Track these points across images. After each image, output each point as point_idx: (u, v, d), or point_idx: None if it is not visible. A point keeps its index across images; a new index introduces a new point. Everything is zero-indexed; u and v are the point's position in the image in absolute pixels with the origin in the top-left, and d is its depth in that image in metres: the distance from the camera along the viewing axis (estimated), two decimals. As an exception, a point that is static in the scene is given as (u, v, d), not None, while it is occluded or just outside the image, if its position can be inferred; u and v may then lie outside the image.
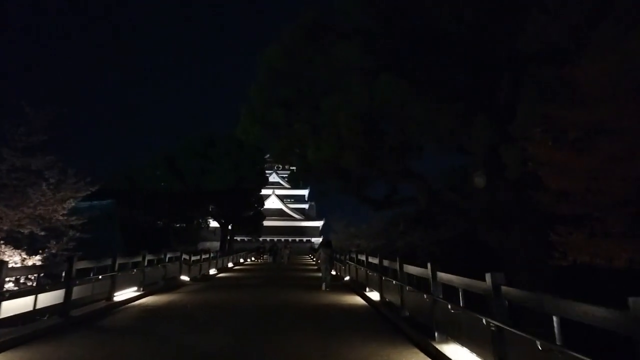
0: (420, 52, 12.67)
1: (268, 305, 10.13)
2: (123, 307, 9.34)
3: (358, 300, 10.83)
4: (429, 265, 6.61)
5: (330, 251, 15.33)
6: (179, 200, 36.19)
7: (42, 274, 8.54)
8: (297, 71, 13.57)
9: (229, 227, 42.82)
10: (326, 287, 13.23)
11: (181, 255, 14.38)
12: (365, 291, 11.27)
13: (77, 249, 13.00)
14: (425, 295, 6.63)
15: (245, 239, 57.56)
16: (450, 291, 6.18)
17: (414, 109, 12.05)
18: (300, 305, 10.15)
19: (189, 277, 14.71)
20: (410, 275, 7.98)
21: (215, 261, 20.38)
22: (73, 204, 11.19)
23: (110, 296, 9.37)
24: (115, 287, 9.57)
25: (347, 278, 15.13)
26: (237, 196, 39.30)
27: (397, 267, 8.38)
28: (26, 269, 9.13)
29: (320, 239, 70.56)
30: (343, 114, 12.42)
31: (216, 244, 42.39)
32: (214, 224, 44.44)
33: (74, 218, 11.04)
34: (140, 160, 37.72)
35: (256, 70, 14.00)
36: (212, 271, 19.54)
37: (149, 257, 11.66)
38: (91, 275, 9.32)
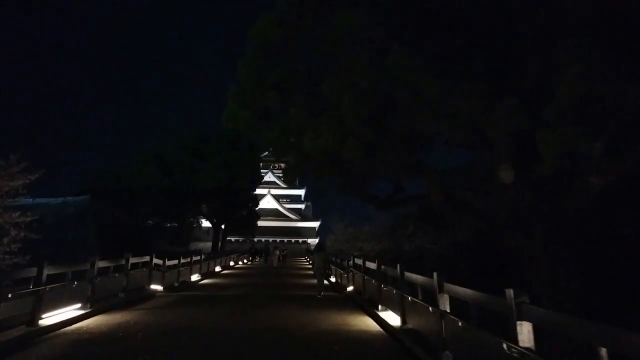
0: (437, 23, 10.86)
1: (248, 333, 7.43)
2: (49, 335, 6.76)
3: (369, 323, 8.27)
4: (510, 292, 4.08)
5: (325, 255, 14.22)
6: (169, 198, 34.48)
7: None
8: (294, 46, 11.73)
9: (222, 227, 41.06)
10: (320, 293, 12.74)
11: (151, 260, 12.20)
12: (378, 310, 8.87)
13: (39, 250, 11.15)
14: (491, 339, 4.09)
15: (240, 239, 55.71)
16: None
17: (430, 89, 10.27)
18: (293, 332, 7.50)
19: (162, 285, 12.51)
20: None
21: (198, 265, 18.01)
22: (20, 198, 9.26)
23: (33, 319, 6.77)
24: (43, 306, 7.03)
25: (350, 288, 12.93)
26: (230, 195, 37.62)
27: (435, 284, 5.70)
28: None
29: (317, 240, 69.22)
30: (347, 96, 10.62)
31: (210, 245, 40.67)
32: (207, 224, 42.60)
33: (17, 214, 9.14)
34: (130, 158, 35.70)
35: (245, 47, 12.15)
36: (195, 277, 17.23)
37: (101, 264, 9.25)
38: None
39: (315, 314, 9.11)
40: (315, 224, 71.76)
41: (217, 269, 22.97)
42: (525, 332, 3.70)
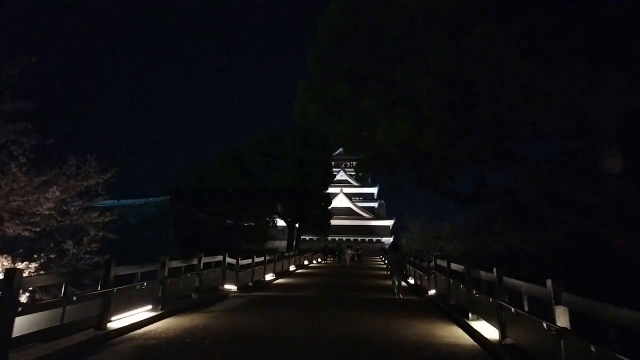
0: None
1: (322, 343, 6.59)
2: (117, 339, 6.36)
3: (459, 334, 7.07)
4: None
5: (400, 255, 13.38)
6: (246, 198, 35.45)
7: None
8: (365, 34, 11.07)
9: (296, 226, 41.44)
10: (398, 295, 12.17)
11: (224, 259, 12.11)
12: (468, 319, 7.64)
13: (122, 250, 11.64)
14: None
15: (314, 238, 56.09)
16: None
17: (521, 68, 9.07)
18: (371, 342, 6.62)
19: (236, 285, 12.34)
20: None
21: (272, 264, 17.76)
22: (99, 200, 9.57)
23: (101, 322, 6.28)
24: (111, 308, 6.57)
25: (432, 292, 11.90)
26: (303, 194, 37.76)
27: (550, 294, 4.48)
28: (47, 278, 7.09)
29: (391, 239, 67.63)
30: (424, 82, 9.74)
31: (285, 243, 41.28)
32: (282, 223, 43.31)
33: (95, 214, 9.46)
34: (211, 160, 37.37)
35: (315, 38, 11.72)
36: (269, 276, 16.95)
37: (174, 264, 8.95)
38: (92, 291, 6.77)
39: (395, 321, 8.06)
40: (389, 223, 70.09)
41: (292, 268, 22.87)
42: None
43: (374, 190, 75.40)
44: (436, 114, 10.04)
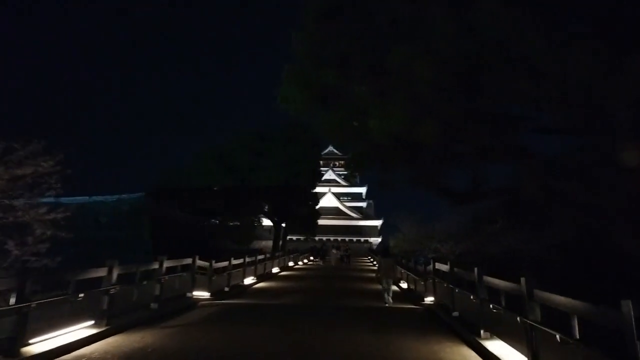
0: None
1: None
2: None
3: (470, 357, 5.73)
4: None
5: (392, 261, 12.35)
6: (231, 197, 34.27)
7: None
8: (357, 12, 10.00)
9: (283, 225, 40.32)
10: (388, 301, 10.94)
11: (194, 263, 10.59)
12: (480, 337, 6.24)
13: (88, 250, 10.37)
14: None
15: (301, 238, 54.98)
16: None
17: (529, 48, 8.11)
18: None
19: (209, 291, 10.97)
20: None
21: (253, 267, 16.22)
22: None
23: (12, 347, 4.83)
24: (31, 327, 5.15)
25: (430, 299, 10.66)
26: (290, 193, 36.75)
27: (631, 319, 3.12)
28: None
29: (379, 239, 66.83)
30: (422, 63, 8.71)
31: (271, 243, 40.14)
32: (268, 222, 42.13)
33: (44, 210, 8.16)
34: (194, 158, 36.14)
35: (301, 17, 10.59)
36: (249, 280, 15.55)
37: (119, 270, 7.05)
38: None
39: (390, 340, 6.63)
40: (378, 223, 69.30)
41: (275, 270, 21.44)
42: None
43: (362, 190, 74.71)
44: (435, 100, 9.03)
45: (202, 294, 10.67)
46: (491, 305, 5.95)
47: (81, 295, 5.97)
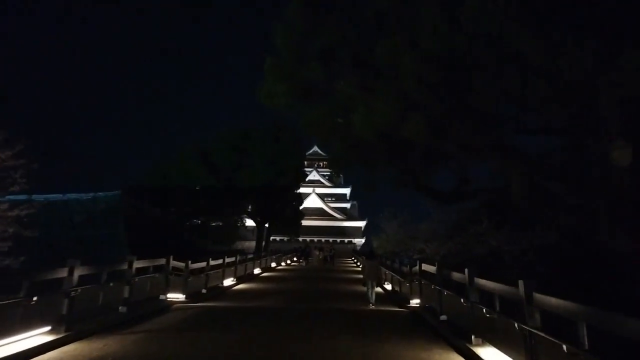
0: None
1: None
2: None
3: None
4: None
5: (377, 263, 12.08)
6: (214, 197, 33.58)
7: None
8: (343, 4, 9.63)
9: (266, 226, 39.74)
10: (372, 304, 10.77)
11: (168, 263, 9.95)
12: (471, 343, 5.75)
13: (67, 249, 9.76)
14: None
15: (285, 239, 54.44)
16: None
17: (519, 42, 7.85)
18: None
19: (184, 293, 10.31)
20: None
21: (233, 268, 15.60)
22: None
23: None
24: None
25: (416, 301, 10.21)
26: (274, 193, 36.24)
27: None
28: None
29: (363, 240, 66.65)
30: (409, 57, 8.39)
31: (255, 244, 39.53)
32: (252, 223, 41.49)
33: (5, 207, 7.56)
34: (177, 157, 35.35)
35: (285, 10, 10.15)
36: (228, 281, 15.03)
37: (82, 270, 6.44)
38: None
39: (375, 347, 6.15)
40: (361, 224, 69.14)
41: (257, 271, 20.83)
42: None
43: (346, 190, 74.58)
44: (422, 95, 8.72)
45: (177, 296, 10.03)
46: (484, 310, 5.50)
47: (35, 298, 5.35)
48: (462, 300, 6.24)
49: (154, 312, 8.56)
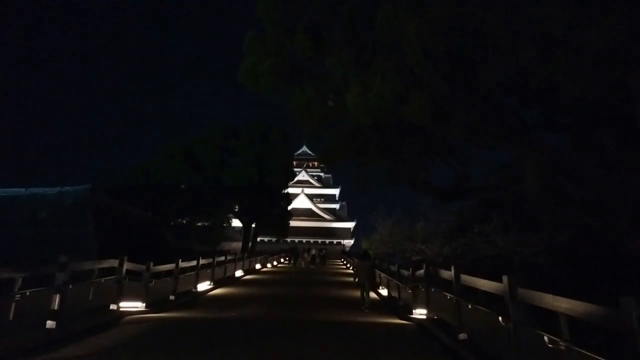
0: None
1: None
2: None
3: None
4: None
5: (370, 264, 11.32)
6: (199, 196, 32.22)
7: None
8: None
9: (253, 226, 38.41)
10: (365, 308, 10.39)
11: (121, 266, 8.14)
12: None
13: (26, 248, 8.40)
14: None
15: (272, 239, 53.10)
16: None
17: (545, 12, 6.70)
18: None
19: (144, 301, 8.72)
20: None
21: (210, 270, 13.86)
22: None
23: None
24: None
25: (421, 312, 8.78)
26: (261, 192, 35.01)
27: None
28: None
29: (352, 241, 65.56)
30: (412, 26, 7.16)
31: (241, 245, 38.19)
32: (239, 223, 40.11)
33: None
34: (159, 155, 33.98)
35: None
36: (204, 285, 13.31)
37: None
38: None
39: None
40: (351, 225, 68.08)
41: (238, 273, 19.20)
42: None
43: (336, 191, 73.65)
44: (427, 71, 7.49)
45: (134, 305, 8.37)
46: (546, 338, 3.72)
47: None
48: (500, 319, 4.61)
49: (96, 326, 6.92)
